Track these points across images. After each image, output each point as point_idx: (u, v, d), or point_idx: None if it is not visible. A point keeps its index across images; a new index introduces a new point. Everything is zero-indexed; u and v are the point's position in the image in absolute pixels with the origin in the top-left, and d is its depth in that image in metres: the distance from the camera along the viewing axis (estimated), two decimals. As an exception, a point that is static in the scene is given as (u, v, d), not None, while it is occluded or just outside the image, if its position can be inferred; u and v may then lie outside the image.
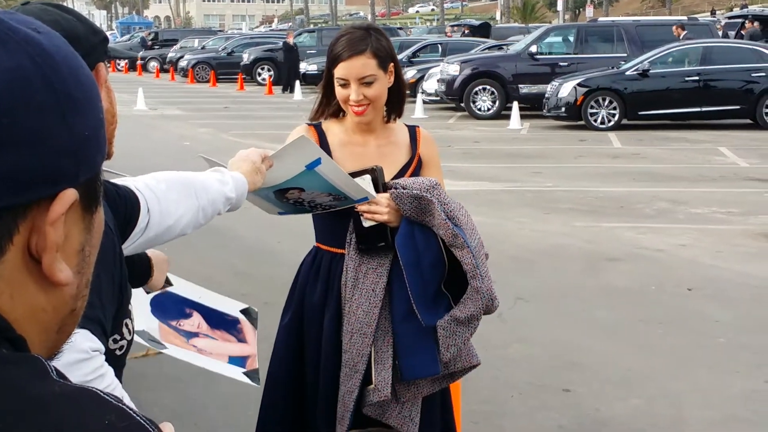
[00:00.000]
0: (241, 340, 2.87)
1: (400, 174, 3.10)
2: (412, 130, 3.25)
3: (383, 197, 2.92)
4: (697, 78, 18.28)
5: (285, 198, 2.76)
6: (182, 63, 37.25)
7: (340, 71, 3.00)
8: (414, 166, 3.16)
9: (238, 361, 2.78)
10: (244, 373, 2.76)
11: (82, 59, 0.84)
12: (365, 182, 2.93)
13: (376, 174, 2.95)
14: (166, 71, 39.59)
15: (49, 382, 0.74)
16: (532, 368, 5.70)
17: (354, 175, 2.91)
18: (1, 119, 0.73)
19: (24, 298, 0.79)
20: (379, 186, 2.95)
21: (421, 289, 2.88)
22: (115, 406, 0.74)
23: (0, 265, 0.77)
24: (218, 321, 2.84)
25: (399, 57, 15.99)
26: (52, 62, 0.78)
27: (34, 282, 0.80)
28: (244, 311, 2.96)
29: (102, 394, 0.76)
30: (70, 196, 0.79)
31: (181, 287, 2.78)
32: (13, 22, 0.78)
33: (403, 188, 2.92)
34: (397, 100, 3.14)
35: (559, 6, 61.80)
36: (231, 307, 2.94)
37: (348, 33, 3.09)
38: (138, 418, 0.75)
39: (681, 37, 20.41)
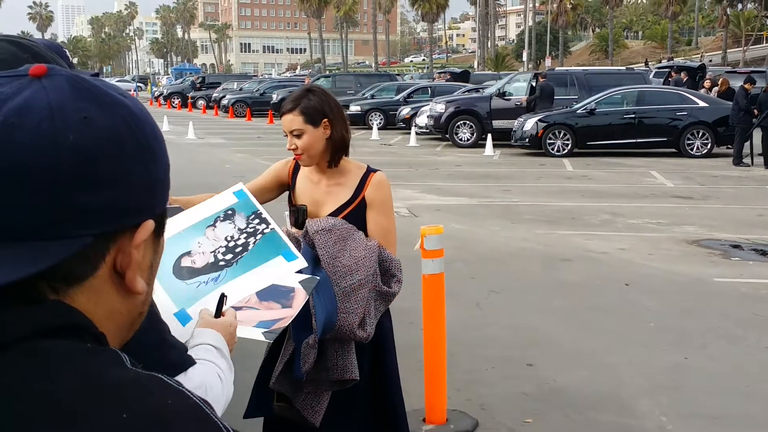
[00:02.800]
0: (286, 306, 2.35)
1: (338, 211, 3.00)
2: (366, 175, 3.04)
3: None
4: (633, 116, 18.31)
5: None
6: (224, 101, 37.17)
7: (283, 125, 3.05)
8: (354, 205, 3.01)
9: (265, 324, 2.23)
10: (264, 333, 2.21)
11: None
12: (289, 217, 3.03)
13: (297, 212, 3.04)
14: (211, 108, 39.56)
15: (124, 369, 0.75)
16: (502, 346, 5.73)
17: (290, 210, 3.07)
18: (100, 165, 0.75)
19: (106, 303, 0.81)
20: (299, 221, 3.02)
21: (302, 312, 2.78)
22: (177, 389, 0.75)
23: (93, 279, 0.79)
24: (270, 294, 2.30)
25: (396, 97, 16.18)
26: (137, 121, 0.80)
27: (116, 291, 0.81)
28: (302, 282, 2.42)
29: (167, 379, 0.76)
30: (150, 225, 0.81)
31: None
32: (105, 88, 0.80)
33: (313, 227, 2.91)
34: (334, 149, 2.99)
35: (524, 57, 61.90)
36: (292, 279, 2.37)
37: (291, 95, 3.09)
38: (195, 399, 0.75)
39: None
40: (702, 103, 18.44)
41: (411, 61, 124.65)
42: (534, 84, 21.46)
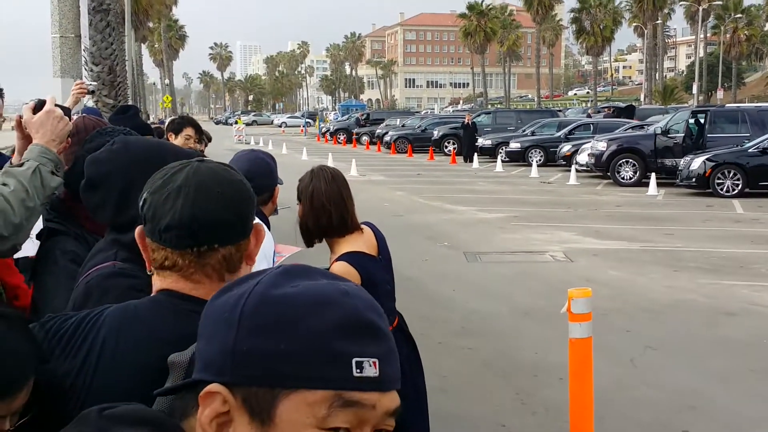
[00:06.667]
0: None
1: None
2: None
3: None
4: (812, 154, 17.13)
5: None
6: (386, 138, 37.94)
7: None
8: None
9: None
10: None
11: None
12: None
13: None
14: (374, 144, 40.46)
15: None
16: (656, 409, 5.44)
17: None
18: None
19: None
20: None
21: None
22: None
23: (186, 419, 0.89)
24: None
25: (557, 134, 16.53)
26: (252, 301, 0.84)
27: None
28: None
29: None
30: (211, 391, 0.83)
31: None
32: (261, 294, 0.85)
33: None
34: None
35: (694, 89, 59.36)
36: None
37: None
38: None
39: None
40: None
41: (575, 93, 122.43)
42: (691, 122, 20.54)
